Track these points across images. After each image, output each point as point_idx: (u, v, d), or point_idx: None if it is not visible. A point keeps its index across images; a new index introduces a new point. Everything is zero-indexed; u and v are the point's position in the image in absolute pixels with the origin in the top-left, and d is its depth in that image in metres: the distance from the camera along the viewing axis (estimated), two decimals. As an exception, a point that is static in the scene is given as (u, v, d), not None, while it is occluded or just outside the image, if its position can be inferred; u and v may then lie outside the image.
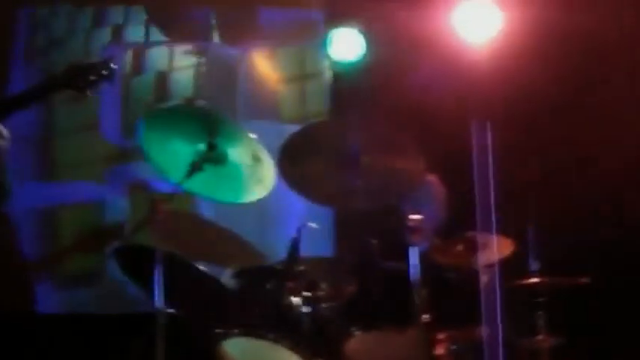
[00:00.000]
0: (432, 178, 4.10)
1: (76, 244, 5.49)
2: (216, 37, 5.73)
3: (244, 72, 5.71)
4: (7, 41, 5.53)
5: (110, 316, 4.98)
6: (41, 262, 5.50)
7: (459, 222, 4.13)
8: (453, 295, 3.78)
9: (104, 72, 2.92)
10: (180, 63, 5.65)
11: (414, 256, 3.51)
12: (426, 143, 3.82)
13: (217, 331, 3.49)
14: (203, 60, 5.63)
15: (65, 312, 5.36)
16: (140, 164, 5.16)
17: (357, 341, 3.50)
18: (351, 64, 5.50)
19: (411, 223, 3.56)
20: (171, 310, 3.42)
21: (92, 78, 2.89)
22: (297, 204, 4.40)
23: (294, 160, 3.58)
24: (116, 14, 5.70)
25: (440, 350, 3.58)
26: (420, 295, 3.49)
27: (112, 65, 2.94)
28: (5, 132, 2.91)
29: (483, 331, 3.70)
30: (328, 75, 5.72)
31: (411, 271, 3.46)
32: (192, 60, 5.62)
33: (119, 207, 5.38)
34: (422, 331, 3.47)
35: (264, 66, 5.78)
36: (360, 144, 3.53)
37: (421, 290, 3.51)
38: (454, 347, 3.64)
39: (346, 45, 5.48)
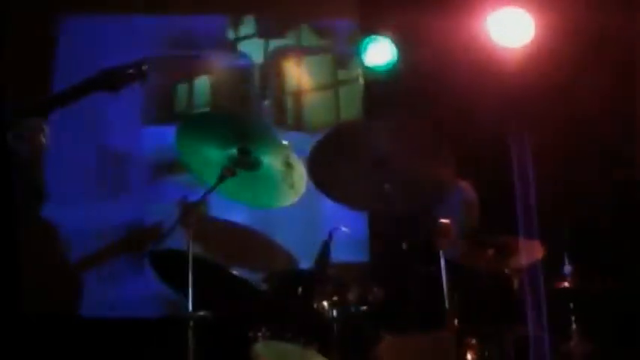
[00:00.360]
0: (463, 183, 4.01)
1: (117, 246, 5.50)
2: (240, 47, 5.73)
3: (275, 80, 5.68)
4: (49, 47, 5.56)
5: (145, 319, 4.96)
6: (85, 264, 5.50)
7: (490, 226, 4.03)
8: (484, 299, 3.68)
9: (136, 73, 2.95)
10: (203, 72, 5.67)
11: (444, 260, 3.42)
12: (458, 148, 3.73)
13: (249, 334, 3.45)
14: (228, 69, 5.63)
15: (105, 315, 5.35)
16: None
17: (388, 346, 3.42)
18: (384, 71, 5.44)
19: (441, 227, 3.47)
20: (204, 314, 3.38)
21: (125, 79, 2.92)
22: (335, 207, 4.33)
23: (324, 163, 3.51)
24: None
25: (470, 355, 3.48)
26: (450, 300, 3.39)
27: (144, 67, 2.96)
28: (47, 130, 2.92)
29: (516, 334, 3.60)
30: (361, 82, 5.65)
31: (442, 275, 3.36)
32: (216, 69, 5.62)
33: (156, 211, 5.37)
34: (452, 336, 3.37)
35: (297, 74, 5.74)
36: (391, 147, 3.45)
37: (452, 294, 3.41)
38: (485, 352, 3.54)
39: (379, 52, 5.43)
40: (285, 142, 3.63)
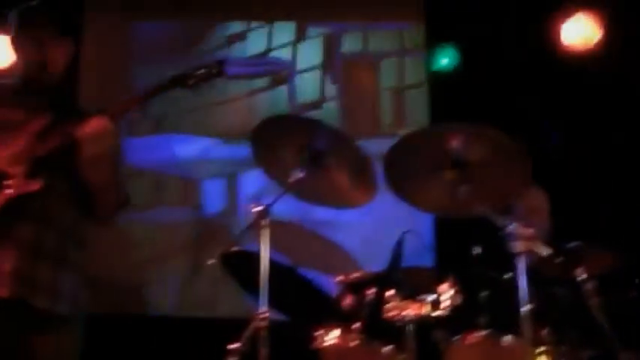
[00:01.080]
0: (536, 188, 3.85)
1: (187, 247, 5.47)
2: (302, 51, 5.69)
3: (343, 84, 5.61)
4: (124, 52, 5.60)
5: (214, 319, 4.90)
6: (151, 264, 5.48)
7: (563, 232, 3.87)
8: (558, 307, 3.51)
9: (214, 71, 2.90)
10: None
11: (518, 266, 3.25)
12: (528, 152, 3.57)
13: (320, 336, 3.35)
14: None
15: (173, 314, 5.31)
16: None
17: (460, 351, 3.28)
18: (450, 76, 5.35)
19: (514, 232, 3.31)
20: (275, 315, 3.29)
21: (205, 77, 2.88)
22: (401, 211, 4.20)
23: (398, 166, 3.39)
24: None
25: (544, 363, 3.31)
26: (525, 306, 3.23)
27: (222, 66, 2.91)
28: (114, 131, 2.85)
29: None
30: (428, 87, 5.55)
31: (518, 281, 3.20)
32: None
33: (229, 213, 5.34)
34: (526, 344, 3.21)
35: (364, 78, 5.66)
36: (466, 150, 3.31)
37: (526, 301, 3.24)
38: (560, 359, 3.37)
39: (446, 57, 5.35)
40: (356, 145, 3.53)
